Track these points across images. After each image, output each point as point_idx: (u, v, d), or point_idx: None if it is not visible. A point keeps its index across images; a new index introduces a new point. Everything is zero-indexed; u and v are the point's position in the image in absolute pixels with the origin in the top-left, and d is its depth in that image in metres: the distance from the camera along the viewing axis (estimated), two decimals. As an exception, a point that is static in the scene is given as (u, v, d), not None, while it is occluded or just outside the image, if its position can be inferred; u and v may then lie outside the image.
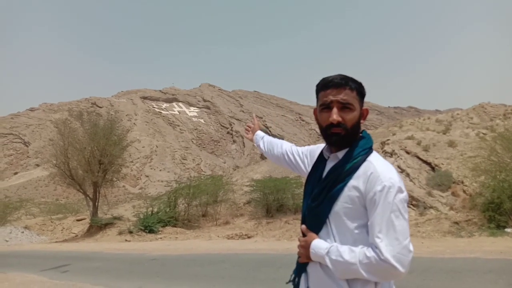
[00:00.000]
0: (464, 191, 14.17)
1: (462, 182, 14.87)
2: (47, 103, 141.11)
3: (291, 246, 10.32)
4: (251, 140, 2.45)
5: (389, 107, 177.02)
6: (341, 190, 1.50)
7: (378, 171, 1.47)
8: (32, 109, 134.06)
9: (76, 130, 20.83)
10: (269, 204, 17.76)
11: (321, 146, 1.80)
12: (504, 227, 9.15)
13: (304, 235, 1.62)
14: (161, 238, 15.60)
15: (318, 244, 1.53)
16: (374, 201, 1.42)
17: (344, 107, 1.54)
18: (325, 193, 1.54)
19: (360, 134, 1.63)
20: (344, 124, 1.53)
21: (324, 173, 1.63)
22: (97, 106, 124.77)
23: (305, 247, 1.58)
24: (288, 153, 2.03)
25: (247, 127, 2.51)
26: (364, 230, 1.47)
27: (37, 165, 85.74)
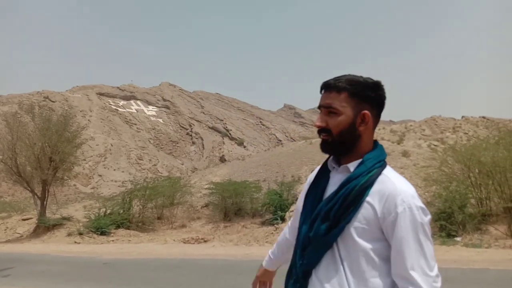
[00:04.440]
0: (416, 200, 14.74)
1: (415, 191, 15.47)
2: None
3: (250, 252, 10.23)
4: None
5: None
6: (358, 208, 1.30)
7: (398, 189, 1.28)
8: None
9: (26, 124, 19.77)
10: (227, 207, 17.61)
11: (315, 170, 1.60)
12: (454, 236, 9.56)
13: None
14: (113, 240, 15.05)
15: None
16: (395, 225, 1.25)
17: (330, 111, 1.40)
18: (336, 211, 1.33)
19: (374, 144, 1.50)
20: (330, 129, 1.40)
21: (330, 187, 1.43)
22: (50, 100, 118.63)
23: None
24: (292, 227, 1.71)
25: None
26: (378, 254, 1.30)
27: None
